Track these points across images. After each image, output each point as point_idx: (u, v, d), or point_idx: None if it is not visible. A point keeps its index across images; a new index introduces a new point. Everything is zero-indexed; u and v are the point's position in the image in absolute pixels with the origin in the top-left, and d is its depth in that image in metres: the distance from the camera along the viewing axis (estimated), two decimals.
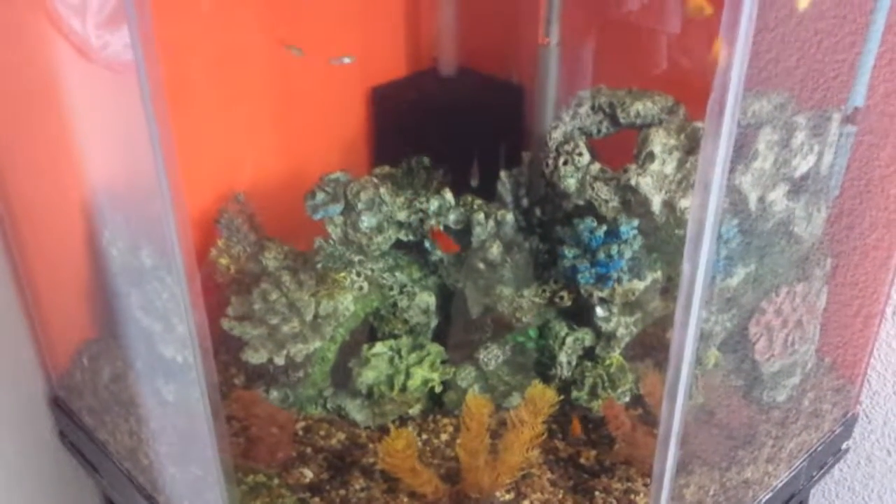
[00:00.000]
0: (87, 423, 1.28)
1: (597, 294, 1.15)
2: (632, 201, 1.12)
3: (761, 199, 1.04)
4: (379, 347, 1.20)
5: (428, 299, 1.23)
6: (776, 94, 1.05)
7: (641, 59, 1.26)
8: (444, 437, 1.21)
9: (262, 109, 1.33)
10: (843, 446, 1.36)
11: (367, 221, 1.18)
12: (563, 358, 1.18)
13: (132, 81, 0.70)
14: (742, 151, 1.02)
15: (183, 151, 0.75)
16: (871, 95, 1.14)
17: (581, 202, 1.15)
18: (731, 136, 0.74)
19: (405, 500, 1.10)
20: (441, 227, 1.21)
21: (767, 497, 1.19)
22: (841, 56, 1.13)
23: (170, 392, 1.06)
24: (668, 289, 1.17)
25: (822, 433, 1.28)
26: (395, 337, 1.22)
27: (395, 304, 1.22)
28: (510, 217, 1.19)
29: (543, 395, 1.03)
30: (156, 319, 1.03)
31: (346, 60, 1.27)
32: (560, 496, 1.12)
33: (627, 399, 1.20)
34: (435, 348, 1.22)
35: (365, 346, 1.20)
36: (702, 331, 0.87)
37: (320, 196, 1.19)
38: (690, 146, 1.10)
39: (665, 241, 1.14)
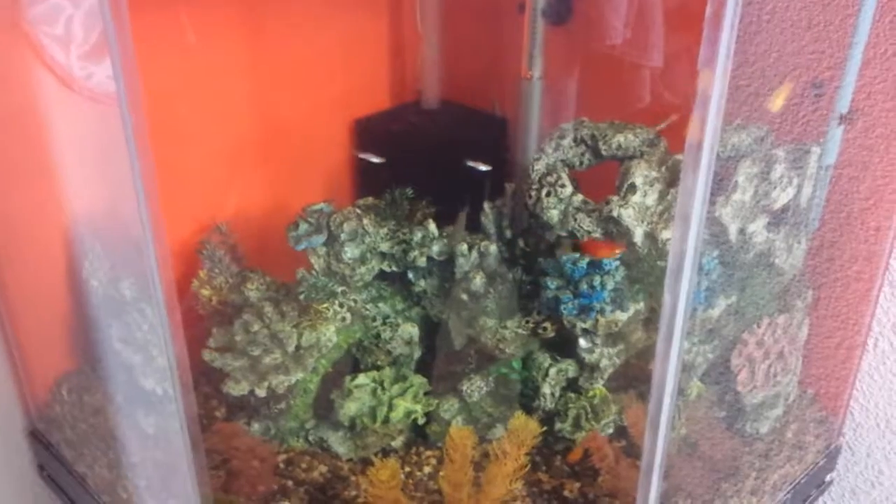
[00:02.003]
0: (65, 457, 1.26)
1: (580, 325, 1.15)
2: (614, 232, 1.12)
3: (742, 231, 1.05)
4: (361, 379, 1.19)
5: (411, 330, 1.23)
6: (755, 128, 1.06)
7: (623, 93, 1.27)
8: (427, 469, 1.20)
9: (246, 140, 1.33)
10: (827, 478, 1.36)
11: (350, 252, 1.18)
12: (546, 389, 1.18)
13: (115, 112, 0.71)
14: (722, 184, 1.03)
15: (166, 182, 0.75)
16: (851, 129, 1.15)
17: (564, 233, 1.15)
18: (711, 169, 0.75)
19: None
20: (425, 259, 1.21)
21: None
22: (819, 90, 1.14)
23: (149, 424, 1.06)
24: (651, 320, 1.17)
25: (806, 465, 1.28)
26: (378, 368, 1.22)
27: (378, 336, 1.22)
28: (493, 248, 1.20)
29: (526, 427, 1.03)
30: (136, 351, 1.02)
31: None
32: None
33: (611, 430, 1.19)
34: (418, 380, 1.22)
35: (347, 378, 1.19)
36: (684, 362, 0.87)
37: (303, 227, 1.19)
38: (671, 178, 1.10)
39: (647, 273, 1.14)
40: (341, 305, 1.19)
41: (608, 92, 1.29)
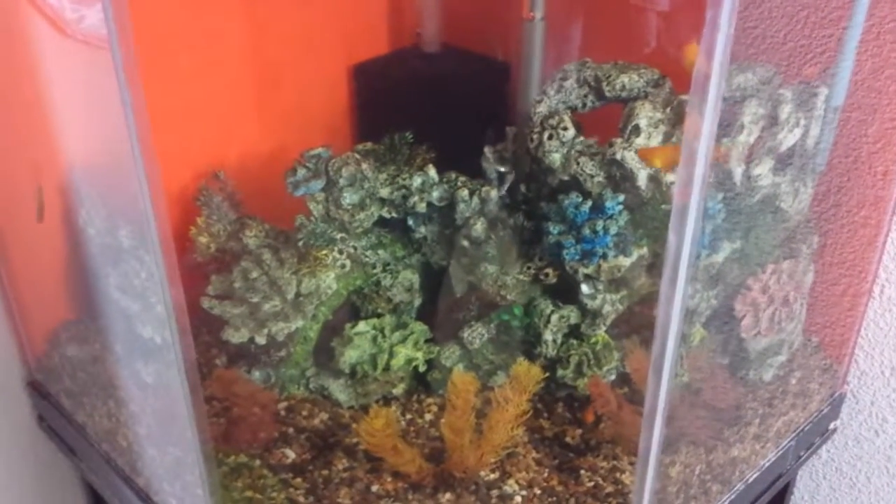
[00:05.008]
0: (65, 407, 1.26)
1: (582, 271, 1.13)
2: (617, 176, 1.11)
3: (747, 174, 1.03)
4: (362, 326, 1.18)
5: (411, 277, 1.22)
6: (761, 68, 1.04)
7: (627, 34, 1.24)
8: (428, 416, 1.19)
9: (243, 86, 1.31)
10: (831, 426, 1.36)
11: (349, 198, 1.16)
12: (548, 336, 1.17)
13: (108, 55, 0.69)
14: (728, 126, 1.01)
15: (162, 128, 0.74)
16: (859, 70, 1.13)
17: (566, 177, 1.13)
18: (718, 101, 0.73)
19: (389, 479, 1.09)
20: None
21: (755, 476, 1.18)
22: (828, 31, 1.12)
23: (149, 373, 1.05)
24: (655, 265, 1.16)
25: (810, 413, 1.27)
26: (379, 315, 1.21)
27: (378, 283, 1.21)
28: (494, 193, 1.18)
29: (529, 373, 1.02)
30: (134, 299, 1.02)
31: None
32: (545, 475, 1.11)
33: (613, 377, 1.19)
34: (419, 327, 1.21)
35: (348, 325, 1.19)
36: (688, 308, 0.86)
37: (301, 172, 1.17)
38: (676, 119, 1.08)
39: (651, 217, 1.12)
40: (341, 252, 1.17)
41: (612, 33, 1.27)
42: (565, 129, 1.12)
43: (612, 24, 1.28)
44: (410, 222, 1.22)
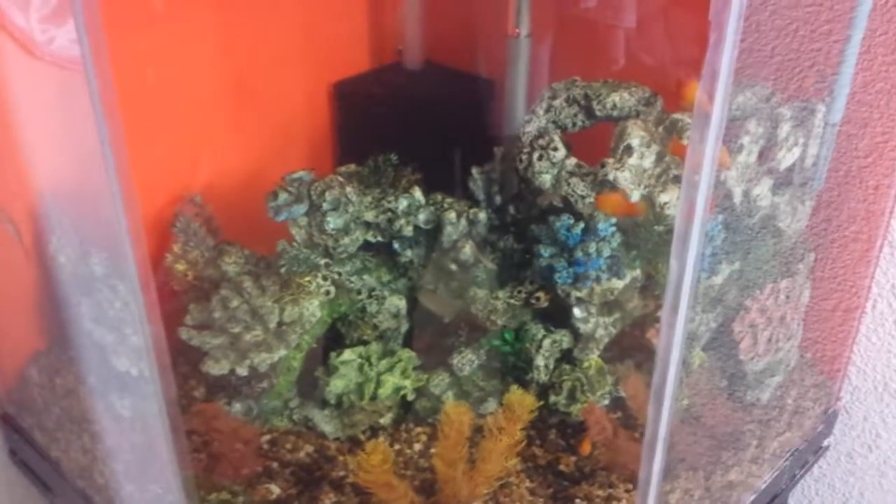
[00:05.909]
0: (38, 441, 1.22)
1: (574, 294, 1.11)
2: None
3: (746, 194, 1.01)
4: (347, 355, 1.15)
5: (398, 303, 1.19)
6: (760, 87, 1.02)
7: (615, 51, 1.23)
8: (417, 446, 1.16)
9: (220, 106, 1.28)
10: (824, 444, 1.34)
11: (332, 222, 1.13)
12: (540, 361, 1.14)
13: (80, 77, 0.66)
14: (727, 145, 0.99)
15: (135, 151, 0.71)
16: (850, 84, 1.11)
17: (557, 199, 1.11)
18: (722, 126, 0.71)
19: None
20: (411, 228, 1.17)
21: (751, 499, 1.17)
22: (817, 45, 1.10)
23: (125, 407, 1.03)
24: (648, 287, 1.14)
25: (804, 431, 1.26)
26: (365, 343, 1.17)
27: (363, 309, 1.18)
28: (483, 215, 1.16)
29: (522, 402, 0.99)
30: (108, 330, 0.99)
31: None
32: None
33: (607, 402, 1.16)
34: (406, 354, 1.18)
35: (333, 354, 1.15)
36: (688, 332, 0.84)
37: (283, 196, 1.14)
38: (669, 139, 1.06)
39: (644, 238, 1.10)
40: (325, 278, 1.14)
41: (600, 50, 1.25)
42: (555, 149, 1.10)
43: (599, 38, 1.26)
44: (396, 246, 1.19)
